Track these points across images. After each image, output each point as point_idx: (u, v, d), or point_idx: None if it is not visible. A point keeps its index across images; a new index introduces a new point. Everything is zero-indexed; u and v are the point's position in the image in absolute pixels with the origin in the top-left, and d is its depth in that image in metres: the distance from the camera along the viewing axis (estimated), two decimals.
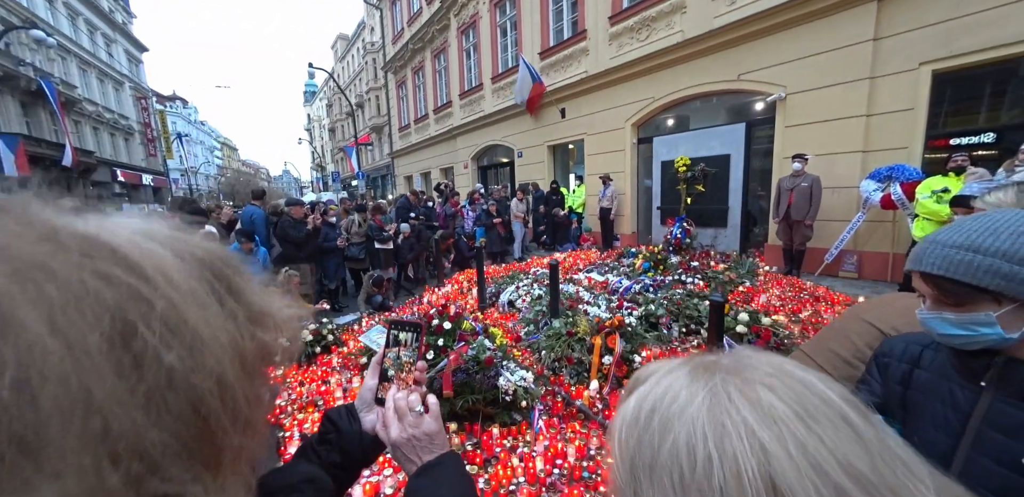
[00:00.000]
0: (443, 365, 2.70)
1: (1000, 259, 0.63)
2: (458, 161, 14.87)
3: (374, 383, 0.67)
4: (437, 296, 5.33)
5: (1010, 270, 0.62)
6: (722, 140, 6.83)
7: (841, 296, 4.30)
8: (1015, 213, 0.67)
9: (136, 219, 0.32)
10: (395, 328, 0.69)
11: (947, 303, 0.71)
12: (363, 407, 0.67)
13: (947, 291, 0.70)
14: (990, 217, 0.68)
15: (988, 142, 4.70)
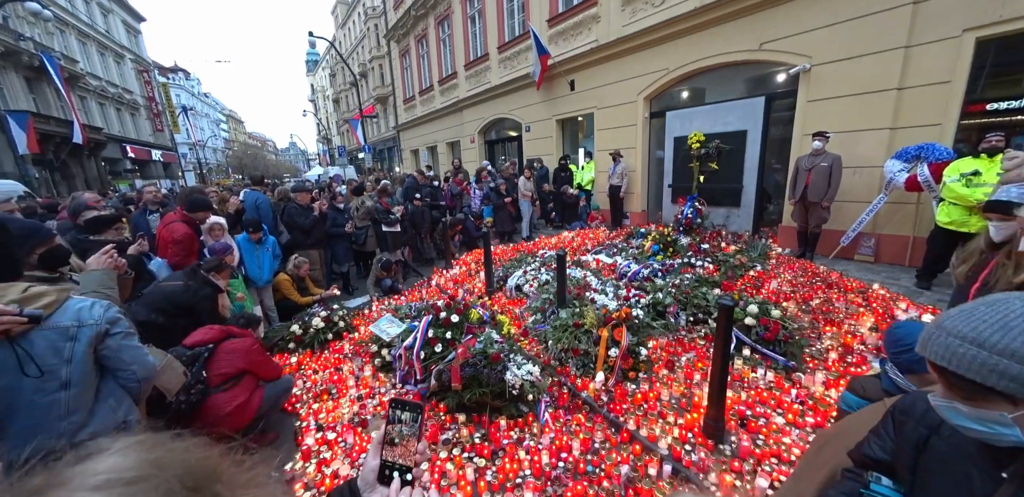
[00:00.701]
0: (451, 358, 2.71)
1: (1009, 359, 0.56)
2: (464, 135, 14.40)
3: (376, 463, 0.68)
4: (445, 279, 5.32)
5: (1020, 373, 0.55)
6: (739, 115, 6.41)
7: (855, 282, 4.17)
8: None
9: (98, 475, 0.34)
10: (398, 407, 0.70)
11: (958, 395, 0.63)
12: (366, 487, 0.68)
13: (954, 385, 0.63)
14: (1005, 306, 0.59)
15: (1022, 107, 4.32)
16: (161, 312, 2.55)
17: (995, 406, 0.60)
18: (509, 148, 13.30)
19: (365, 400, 2.78)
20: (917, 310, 3.35)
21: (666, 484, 1.95)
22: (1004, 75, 4.52)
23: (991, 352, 0.58)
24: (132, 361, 1.51)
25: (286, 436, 2.53)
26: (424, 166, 15.47)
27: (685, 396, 2.54)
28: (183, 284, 2.66)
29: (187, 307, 2.63)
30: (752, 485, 1.89)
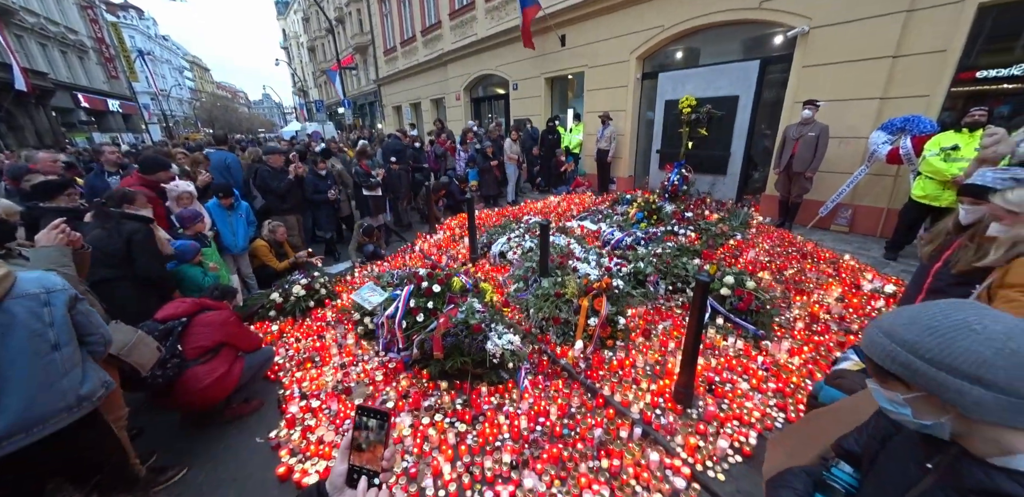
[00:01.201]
0: (433, 328, 2.68)
1: (901, 348, 0.65)
2: (449, 92, 13.44)
3: (344, 468, 0.68)
4: (429, 244, 5.19)
5: (905, 359, 0.64)
6: (732, 79, 6.08)
7: (828, 252, 4.25)
8: (954, 309, 0.64)
9: None
10: (364, 414, 0.69)
11: (877, 379, 0.73)
12: (334, 491, 0.67)
13: (872, 370, 0.73)
14: (930, 309, 0.66)
15: (1017, 75, 4.20)
16: (102, 266, 2.36)
17: (895, 388, 0.68)
18: (496, 107, 12.55)
19: (348, 368, 2.77)
20: (882, 281, 3.45)
21: (635, 446, 2.04)
22: (999, 42, 4.31)
23: (892, 341, 0.66)
24: (99, 324, 1.59)
25: (271, 403, 2.52)
26: (407, 124, 14.59)
27: (659, 363, 2.61)
28: (101, 230, 2.45)
29: (122, 252, 2.45)
30: (714, 446, 1.99)
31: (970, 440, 0.64)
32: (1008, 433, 0.60)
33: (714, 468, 1.90)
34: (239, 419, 2.41)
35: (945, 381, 0.61)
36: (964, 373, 0.59)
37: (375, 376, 2.64)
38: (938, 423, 0.65)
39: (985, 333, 0.59)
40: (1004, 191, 1.53)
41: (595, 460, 1.97)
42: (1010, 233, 1.49)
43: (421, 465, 2.02)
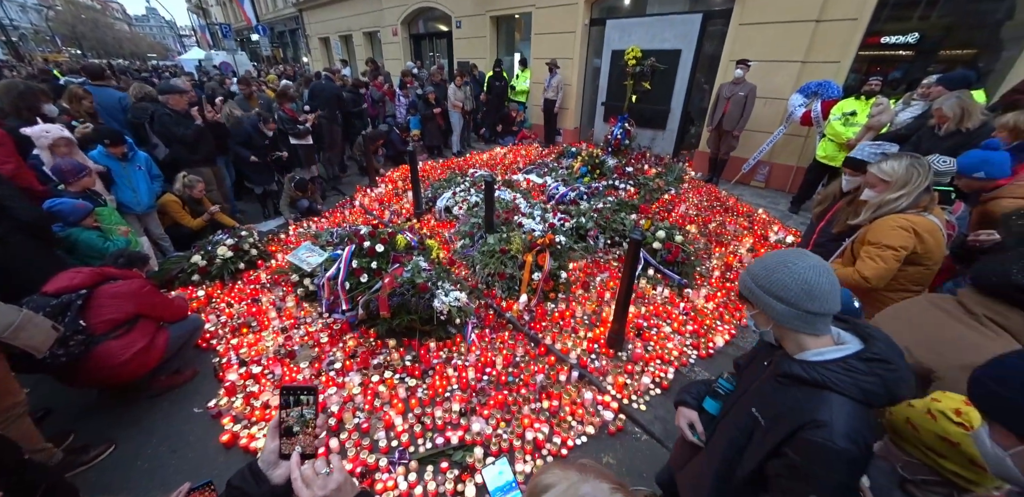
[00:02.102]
0: (378, 288, 2.51)
1: (749, 278, 0.89)
2: (385, 25, 11.49)
3: (275, 445, 0.67)
4: (370, 198, 4.75)
5: (749, 285, 0.89)
6: (676, 32, 5.79)
7: (746, 206, 4.56)
8: (786, 253, 0.85)
9: None
10: (289, 393, 0.68)
11: (747, 305, 0.94)
12: (268, 467, 0.68)
13: (740, 298, 0.95)
14: (775, 254, 0.87)
15: (911, 43, 4.48)
16: None
17: (750, 308, 0.93)
18: (439, 46, 11.06)
19: (290, 331, 2.56)
20: (784, 232, 3.82)
21: (572, 387, 2.18)
22: (901, 10, 4.47)
23: (747, 274, 0.90)
24: None
25: (206, 372, 2.29)
26: (339, 61, 12.49)
27: (596, 313, 2.73)
28: None
29: None
30: (639, 382, 2.19)
31: (785, 342, 0.88)
32: (801, 336, 0.84)
33: (637, 401, 2.11)
34: (170, 391, 2.17)
35: (765, 299, 0.85)
36: (774, 294, 0.83)
37: (319, 338, 2.48)
38: (767, 331, 0.91)
39: (793, 268, 0.82)
40: (879, 163, 1.62)
41: (537, 402, 2.08)
42: (876, 198, 1.62)
43: (372, 420, 2.01)
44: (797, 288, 0.79)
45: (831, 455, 0.72)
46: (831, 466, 0.72)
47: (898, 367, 0.76)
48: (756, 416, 0.87)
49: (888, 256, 1.54)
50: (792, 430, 0.77)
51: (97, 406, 2.08)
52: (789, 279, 0.80)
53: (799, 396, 0.80)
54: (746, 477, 0.87)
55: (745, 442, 0.89)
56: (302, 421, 0.67)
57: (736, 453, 0.90)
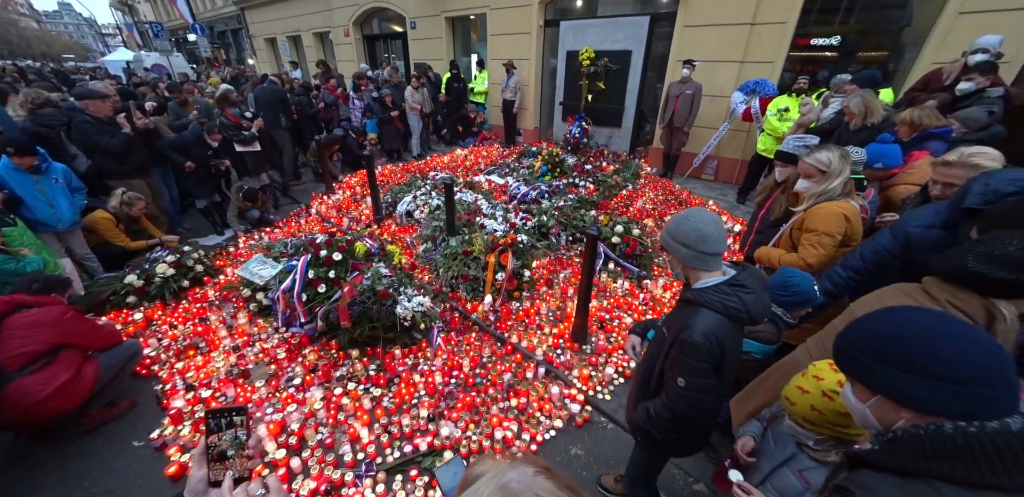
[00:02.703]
0: (337, 298, 2.44)
1: (664, 231, 1.12)
2: (336, 25, 11.13)
3: (203, 473, 0.65)
4: (327, 206, 4.59)
5: (664, 238, 1.12)
6: (626, 33, 6.02)
7: (698, 199, 4.81)
8: (691, 211, 1.08)
9: None
10: (217, 416, 0.66)
11: (672, 261, 1.18)
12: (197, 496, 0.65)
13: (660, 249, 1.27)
14: (686, 211, 1.09)
15: (835, 45, 4.92)
16: None
17: (667, 256, 1.16)
18: (394, 46, 10.85)
19: (244, 349, 2.43)
20: (732, 222, 4.06)
21: (539, 383, 2.22)
22: (824, 16, 4.90)
23: (664, 231, 1.12)
24: None
25: (147, 401, 2.13)
26: (288, 63, 11.95)
27: (560, 309, 2.79)
28: None
29: None
30: (603, 373, 2.26)
31: (689, 278, 1.12)
32: (698, 272, 1.09)
33: (602, 391, 2.18)
34: (105, 425, 2.00)
35: (674, 245, 1.08)
36: (678, 239, 1.07)
37: (276, 354, 2.37)
38: (678, 271, 1.15)
39: (691, 221, 1.06)
40: (812, 153, 1.77)
41: (505, 401, 2.11)
42: (815, 188, 1.76)
43: (337, 434, 1.95)
44: (695, 235, 1.04)
45: (690, 346, 1.01)
46: (690, 354, 1.01)
47: (753, 290, 1.02)
48: (663, 331, 1.15)
49: (827, 243, 1.67)
50: (676, 334, 1.05)
51: (15, 452, 1.87)
52: (689, 229, 1.05)
53: (686, 312, 1.07)
54: (656, 382, 1.17)
55: (658, 353, 1.16)
56: (237, 444, 0.66)
57: (652, 363, 1.19)
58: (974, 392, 0.55)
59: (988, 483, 0.52)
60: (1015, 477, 0.51)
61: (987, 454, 0.52)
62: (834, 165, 1.70)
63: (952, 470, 0.54)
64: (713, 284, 1.04)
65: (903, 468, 0.59)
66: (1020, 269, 0.87)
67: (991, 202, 1.20)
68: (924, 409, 0.59)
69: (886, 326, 0.64)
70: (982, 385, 0.55)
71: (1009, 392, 0.55)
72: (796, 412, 0.92)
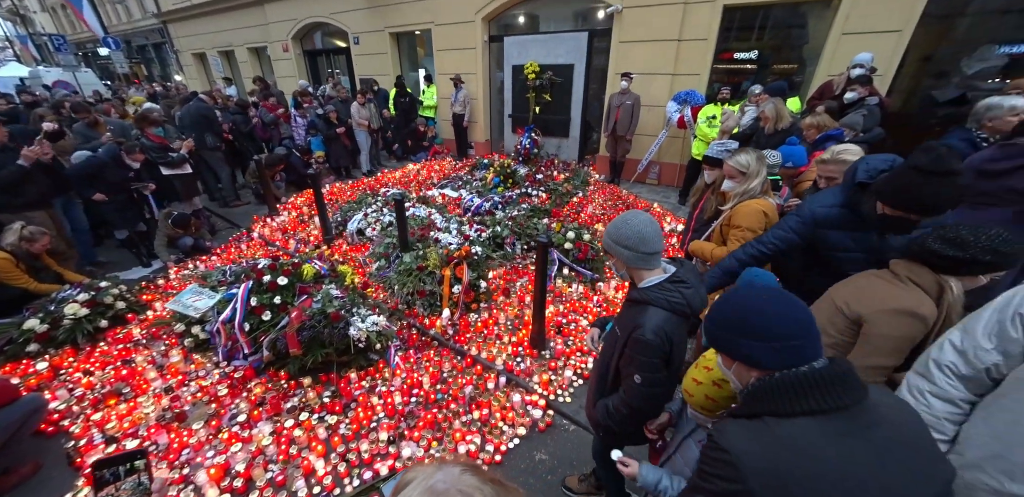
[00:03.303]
0: (284, 325, 2.35)
1: (605, 235, 1.19)
2: (273, 40, 10.83)
3: None
4: (271, 228, 4.40)
5: (606, 241, 1.18)
6: (567, 48, 6.40)
7: (644, 202, 5.13)
8: (628, 214, 1.15)
9: None
10: (109, 466, 0.66)
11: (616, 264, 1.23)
12: None
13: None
14: (623, 215, 1.16)
15: (753, 58, 5.55)
16: None
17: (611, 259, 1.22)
18: (337, 62, 10.72)
19: (178, 390, 2.26)
20: (675, 222, 4.38)
21: (501, 393, 2.26)
22: (741, 33, 5.55)
23: (606, 234, 1.18)
24: None
25: (55, 462, 1.90)
26: (221, 79, 11.41)
27: (518, 317, 2.86)
28: None
29: None
30: (563, 376, 2.34)
31: (634, 278, 1.19)
32: (641, 272, 1.16)
33: (563, 394, 2.25)
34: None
35: (615, 248, 1.15)
36: (620, 243, 1.13)
37: (217, 392, 2.23)
38: (623, 273, 1.20)
39: (630, 224, 1.12)
40: (733, 157, 2.00)
41: (468, 414, 2.12)
42: (738, 188, 1.98)
43: (289, 470, 1.86)
44: (635, 237, 1.10)
45: (643, 344, 1.07)
46: (643, 352, 1.09)
47: (692, 285, 1.13)
48: (616, 331, 1.22)
49: (750, 237, 1.86)
50: (628, 334, 1.12)
51: None
52: (629, 231, 1.11)
53: (635, 311, 1.14)
54: (612, 379, 1.26)
55: (612, 352, 1.24)
56: (140, 490, 0.65)
57: (607, 363, 1.26)
58: (789, 345, 0.70)
59: (801, 411, 0.67)
60: (817, 402, 0.66)
61: (797, 390, 0.68)
62: (752, 167, 1.92)
63: (777, 407, 0.69)
64: (657, 282, 1.12)
65: (748, 413, 0.73)
66: (966, 248, 1.07)
67: (873, 177, 1.46)
68: (759, 365, 0.73)
69: (730, 303, 0.79)
70: (793, 339, 0.70)
71: (812, 342, 0.71)
72: (695, 403, 1.01)
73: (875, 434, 0.66)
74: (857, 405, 0.67)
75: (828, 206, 1.59)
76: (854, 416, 0.67)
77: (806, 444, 0.65)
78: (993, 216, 2.18)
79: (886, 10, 4.38)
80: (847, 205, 1.54)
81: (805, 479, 0.62)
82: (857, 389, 0.68)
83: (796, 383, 0.68)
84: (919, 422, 0.73)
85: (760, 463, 0.65)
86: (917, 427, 0.72)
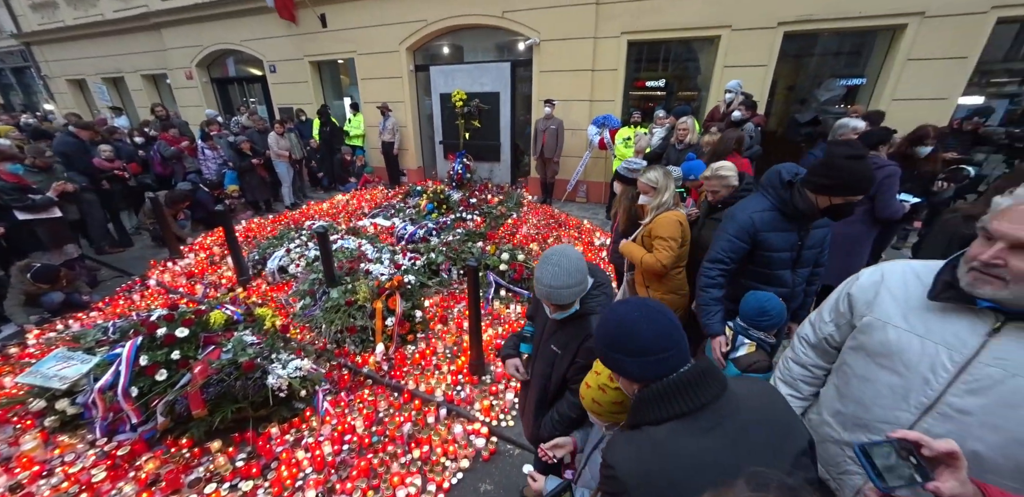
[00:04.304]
0: (185, 382, 2.11)
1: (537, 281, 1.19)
2: (174, 67, 10.13)
3: None
4: (172, 274, 3.96)
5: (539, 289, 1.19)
6: (492, 77, 6.83)
7: (574, 220, 5.46)
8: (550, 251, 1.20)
9: None
10: None
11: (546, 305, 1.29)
12: None
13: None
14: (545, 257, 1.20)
15: (660, 86, 6.36)
16: None
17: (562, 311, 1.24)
18: (252, 90, 10.27)
19: (30, 486, 1.86)
20: (604, 237, 4.71)
21: (442, 426, 2.20)
22: (649, 64, 6.38)
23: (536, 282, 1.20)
24: None
25: None
26: (107, 108, 10.33)
27: (456, 344, 2.84)
28: None
29: None
30: (504, 400, 2.35)
31: None
32: None
33: (505, 418, 2.25)
34: None
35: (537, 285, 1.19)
36: (537, 279, 1.18)
37: (92, 477, 1.89)
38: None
39: (548, 260, 1.17)
40: (644, 174, 2.25)
41: (407, 454, 2.03)
42: (653, 202, 2.21)
43: None
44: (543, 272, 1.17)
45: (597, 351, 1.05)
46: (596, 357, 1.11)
47: (606, 284, 1.27)
48: (554, 349, 1.28)
49: (672, 245, 2.05)
50: (578, 345, 1.21)
51: None
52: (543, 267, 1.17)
53: (578, 325, 1.23)
54: (555, 392, 1.33)
55: (551, 369, 1.31)
56: None
57: (547, 378, 1.33)
58: (659, 358, 0.77)
59: (670, 415, 0.74)
60: (680, 406, 0.74)
61: (665, 398, 0.75)
62: (660, 182, 2.17)
63: (652, 415, 0.75)
64: (587, 293, 1.22)
65: (632, 424, 0.80)
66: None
67: (794, 177, 1.68)
68: (636, 378, 0.80)
69: (606, 322, 0.84)
70: (662, 352, 0.77)
71: (678, 352, 0.78)
72: (586, 406, 1.05)
73: (733, 423, 0.73)
74: (716, 401, 0.74)
75: (761, 210, 1.73)
76: (716, 410, 0.74)
77: (674, 446, 0.71)
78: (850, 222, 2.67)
79: (754, 48, 5.33)
80: (777, 207, 1.70)
81: (670, 479, 0.69)
82: (716, 386, 0.76)
83: (665, 392, 0.75)
84: (777, 401, 0.83)
85: (637, 474, 0.71)
86: (774, 406, 0.81)
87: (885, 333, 0.93)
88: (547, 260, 1.17)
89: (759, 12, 5.14)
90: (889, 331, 0.93)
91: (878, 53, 5.20)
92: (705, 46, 5.93)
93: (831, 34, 5.32)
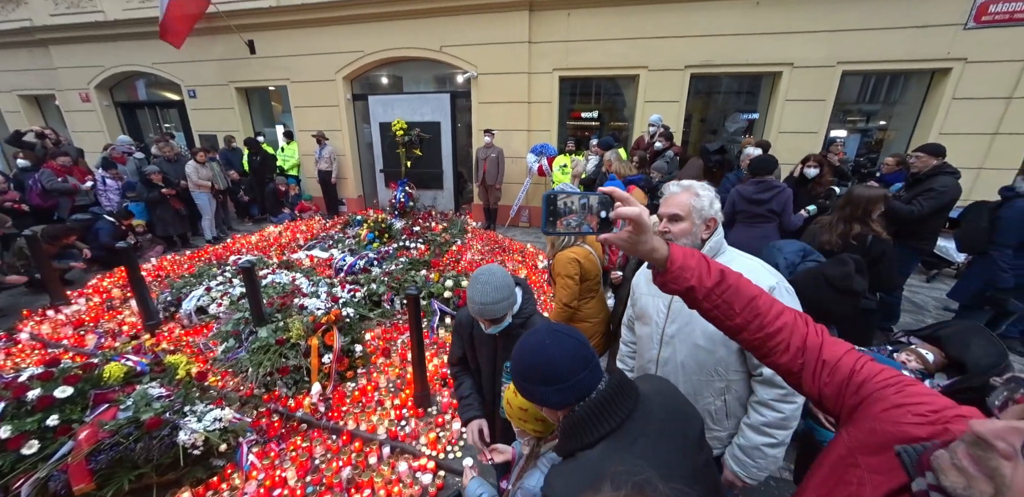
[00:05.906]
0: (66, 452, 1.83)
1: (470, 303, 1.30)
2: (65, 88, 9.19)
3: None
4: (55, 324, 3.44)
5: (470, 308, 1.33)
6: (432, 107, 7.09)
7: (518, 244, 5.66)
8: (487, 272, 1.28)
9: None
10: None
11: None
12: None
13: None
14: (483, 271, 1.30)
15: (594, 117, 7.01)
16: None
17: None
18: (168, 116, 9.60)
19: None
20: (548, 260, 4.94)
21: (384, 466, 2.11)
22: (582, 97, 7.05)
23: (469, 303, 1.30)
24: None
25: None
26: None
27: (400, 376, 2.77)
28: None
29: None
30: (451, 430, 2.32)
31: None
32: None
33: (452, 450, 2.21)
34: None
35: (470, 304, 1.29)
36: (470, 298, 1.27)
37: None
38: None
39: (477, 279, 1.26)
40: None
41: None
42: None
43: None
44: (472, 291, 1.28)
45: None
46: None
47: (526, 289, 1.39)
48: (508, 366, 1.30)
49: (569, 283, 1.99)
50: None
51: None
52: (475, 288, 1.27)
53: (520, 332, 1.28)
54: None
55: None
56: None
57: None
58: (573, 383, 0.76)
59: (601, 435, 0.73)
60: (608, 424, 0.74)
61: (592, 418, 0.74)
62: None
63: (584, 439, 0.74)
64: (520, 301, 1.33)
65: (566, 454, 0.78)
66: None
67: None
68: (556, 406, 0.78)
69: (520, 353, 0.83)
70: (574, 375, 0.76)
71: (591, 372, 0.77)
72: (512, 416, 1.05)
73: (653, 427, 0.75)
74: (636, 410, 0.76)
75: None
76: (638, 418, 0.75)
77: (608, 464, 0.67)
78: (766, 232, 3.11)
79: (668, 86, 6.15)
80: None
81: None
82: (632, 394, 0.77)
83: (591, 413, 0.74)
84: (675, 392, 0.87)
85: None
86: (675, 397, 0.85)
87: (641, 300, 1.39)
88: (476, 280, 1.26)
89: (669, 56, 6.00)
90: (641, 298, 1.38)
91: (765, 93, 6.27)
92: (628, 83, 6.74)
93: (731, 76, 6.33)
